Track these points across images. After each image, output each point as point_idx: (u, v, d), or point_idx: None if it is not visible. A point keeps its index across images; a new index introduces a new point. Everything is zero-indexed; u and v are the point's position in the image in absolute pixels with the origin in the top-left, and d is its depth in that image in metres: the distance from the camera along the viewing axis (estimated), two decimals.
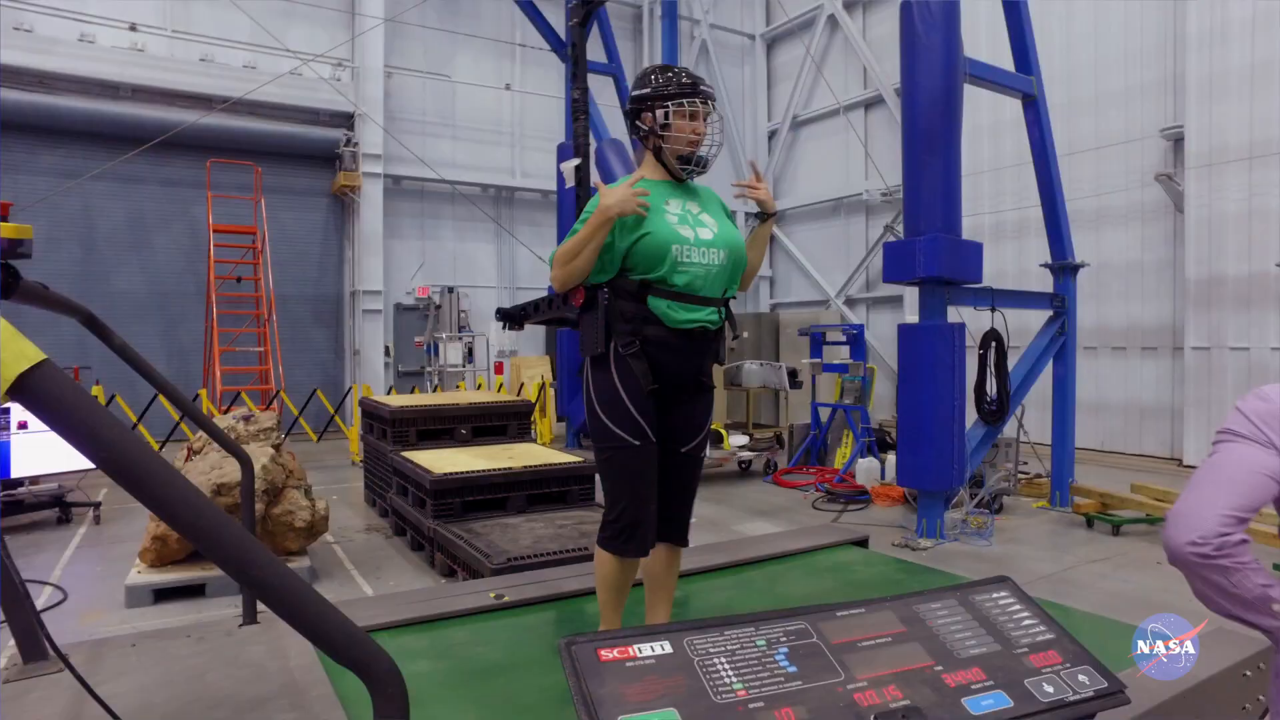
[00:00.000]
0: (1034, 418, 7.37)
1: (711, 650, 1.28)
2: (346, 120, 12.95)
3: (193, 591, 4.64)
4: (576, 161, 8.17)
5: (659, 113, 2.39)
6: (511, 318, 7.02)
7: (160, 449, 10.29)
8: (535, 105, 14.99)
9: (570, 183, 8.24)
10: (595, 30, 11.94)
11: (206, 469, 4.79)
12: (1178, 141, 9.64)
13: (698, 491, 2.64)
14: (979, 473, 6.83)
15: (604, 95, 12.52)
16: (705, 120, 2.43)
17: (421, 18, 13.37)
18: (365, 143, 12.86)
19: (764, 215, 2.60)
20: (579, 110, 8.39)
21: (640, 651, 1.24)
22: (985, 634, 1.40)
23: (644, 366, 2.32)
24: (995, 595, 1.50)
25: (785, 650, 1.30)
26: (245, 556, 0.79)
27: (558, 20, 12.29)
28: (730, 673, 1.24)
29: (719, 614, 2.95)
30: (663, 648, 1.25)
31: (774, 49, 16.64)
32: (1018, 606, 1.47)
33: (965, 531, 6.18)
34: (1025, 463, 7.66)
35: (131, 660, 2.38)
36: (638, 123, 2.46)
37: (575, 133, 8.76)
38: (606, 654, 1.22)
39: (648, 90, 2.43)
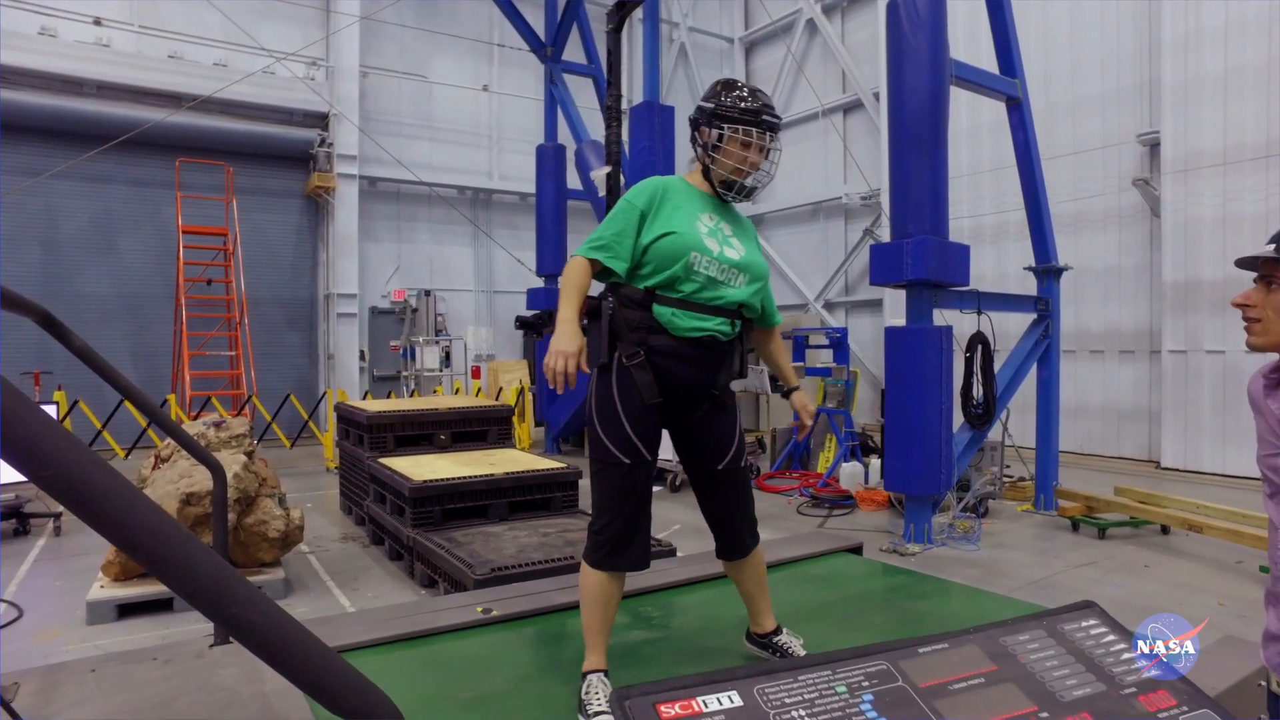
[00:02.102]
0: (1015, 421, 7.36)
1: (787, 700, 1.13)
2: (321, 120, 12.70)
3: (160, 606, 4.43)
4: (608, 169, 8.14)
5: (714, 132, 2.31)
6: (531, 326, 6.96)
7: (126, 456, 9.99)
8: (513, 107, 14.84)
9: (602, 191, 8.21)
10: (574, 32, 11.86)
11: (175, 478, 4.59)
12: (1154, 147, 9.73)
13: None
14: (965, 477, 6.79)
15: (582, 97, 12.42)
16: (763, 152, 2.33)
17: (398, 17, 13.17)
18: (340, 143, 12.62)
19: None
20: (612, 117, 8.35)
21: (706, 705, 1.08)
22: (1084, 671, 1.28)
23: (648, 378, 2.23)
24: (1085, 624, 1.38)
25: (870, 697, 1.16)
26: (222, 591, 0.66)
27: (537, 21, 12.16)
28: None
29: (722, 627, 2.84)
30: (730, 699, 1.10)
31: (752, 52, 16.64)
32: (1112, 637, 1.35)
33: (952, 536, 6.13)
34: (1009, 466, 7.65)
35: (90, 688, 2.20)
36: (696, 133, 2.38)
37: (608, 140, 8.68)
38: (667, 710, 1.07)
39: (712, 105, 2.34)
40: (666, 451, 2.75)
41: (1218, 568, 5.46)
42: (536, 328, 7.70)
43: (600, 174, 8.07)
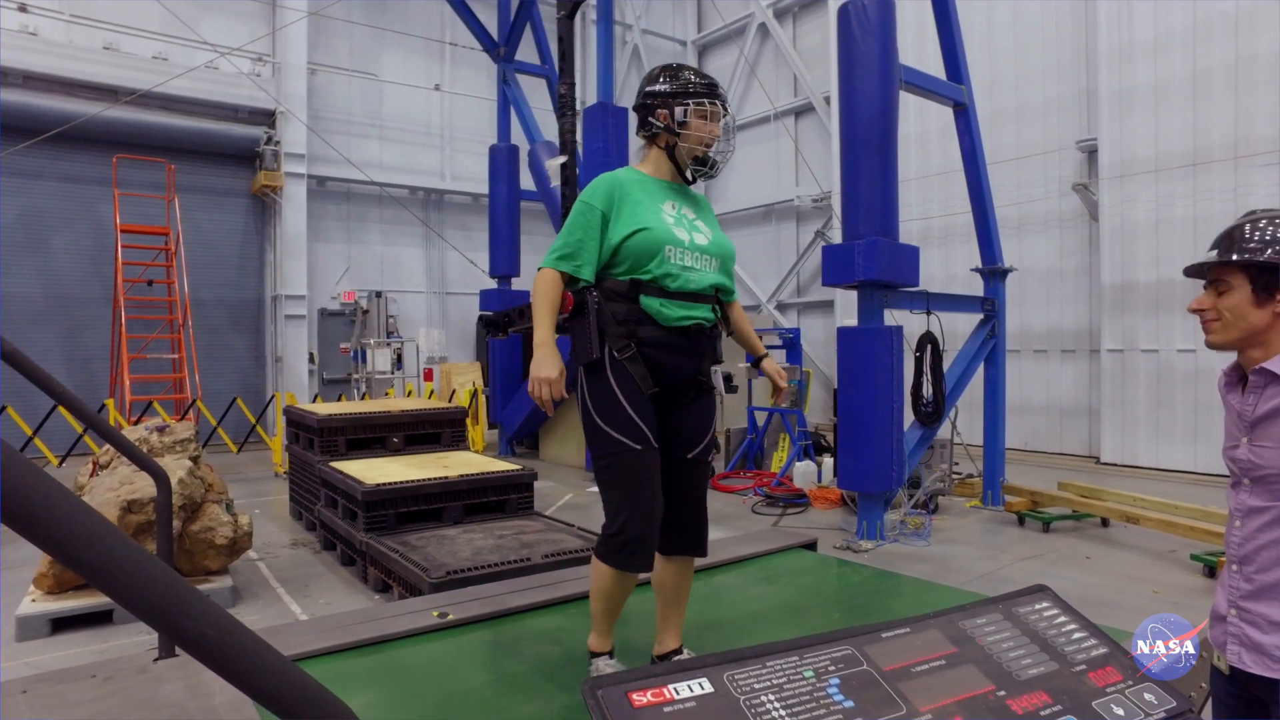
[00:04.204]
0: (963, 419, 7.55)
1: (757, 686, 1.16)
2: (267, 118, 12.38)
3: (97, 619, 4.26)
4: (563, 159, 7.93)
5: (678, 110, 2.33)
6: (495, 325, 6.73)
7: (60, 464, 9.60)
8: (465, 107, 14.68)
9: (555, 181, 7.97)
10: (528, 33, 11.78)
11: (115, 484, 4.42)
12: (1092, 153, 10.08)
13: None
14: (915, 474, 6.94)
15: (536, 98, 12.35)
16: (720, 124, 2.38)
17: (347, 13, 12.93)
18: (287, 142, 12.32)
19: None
20: (566, 106, 8.09)
21: (677, 692, 1.10)
22: (1039, 651, 1.34)
23: (642, 370, 2.23)
24: (1038, 606, 1.44)
25: (837, 681, 1.19)
26: (173, 604, 0.63)
27: (489, 19, 12.05)
28: (782, 711, 1.12)
29: (694, 626, 2.84)
30: (701, 686, 1.11)
31: (705, 55, 16.75)
32: (1063, 618, 1.41)
33: (904, 532, 6.25)
34: (957, 463, 7.84)
35: (21, 711, 2.09)
36: (650, 119, 2.38)
37: (561, 129, 8.40)
38: (639, 698, 1.08)
39: (666, 87, 2.36)
40: None
41: (1153, 557, 5.68)
42: (501, 326, 7.45)
43: (555, 164, 7.88)
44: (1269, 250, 1.52)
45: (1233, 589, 1.55)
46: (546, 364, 2.15)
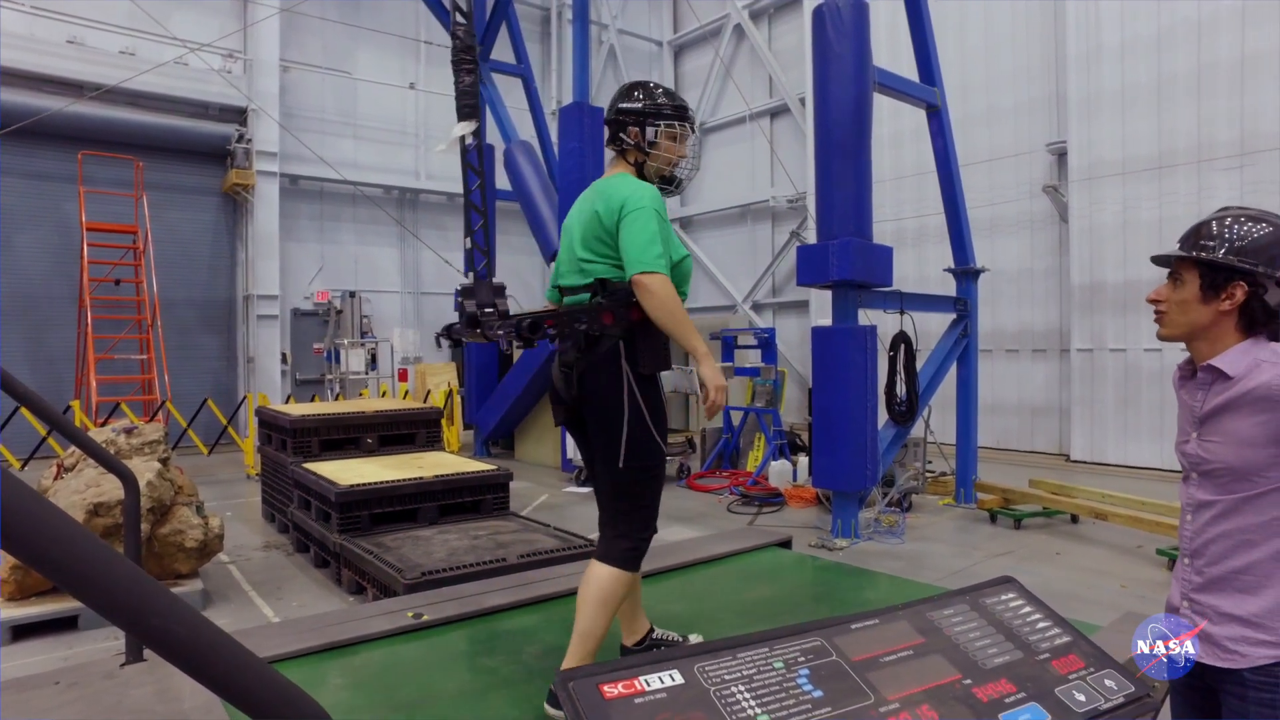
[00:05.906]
0: (936, 418, 7.64)
1: (727, 677, 1.17)
2: (239, 115, 12.21)
3: (61, 625, 4.18)
4: (473, 125, 6.81)
5: (649, 130, 2.42)
6: (464, 328, 5.46)
7: (23, 467, 9.39)
8: (441, 106, 14.56)
9: (453, 150, 6.83)
10: (504, 32, 11.73)
11: (81, 487, 4.34)
12: (1061, 156, 10.24)
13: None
14: (889, 472, 7.00)
15: (512, 97, 12.30)
16: (685, 144, 2.50)
17: (320, 10, 12.79)
18: (259, 139, 12.15)
19: None
20: (464, 61, 6.84)
21: (648, 684, 1.11)
22: (1004, 640, 1.37)
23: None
24: (1004, 597, 1.47)
25: (806, 672, 1.20)
26: (141, 603, 0.62)
27: None
28: (752, 702, 1.13)
29: (669, 622, 2.85)
30: (672, 677, 1.13)
31: (681, 56, 16.79)
32: (1028, 608, 1.44)
33: (878, 530, 6.31)
34: (930, 461, 7.93)
35: None
36: (622, 135, 2.47)
37: (467, 87, 7.05)
38: (610, 690, 1.09)
39: (638, 105, 2.45)
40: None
41: (1121, 552, 5.79)
42: (455, 336, 6.27)
43: (459, 130, 6.74)
44: (1222, 249, 1.55)
45: (1185, 581, 1.58)
46: (720, 372, 2.31)
